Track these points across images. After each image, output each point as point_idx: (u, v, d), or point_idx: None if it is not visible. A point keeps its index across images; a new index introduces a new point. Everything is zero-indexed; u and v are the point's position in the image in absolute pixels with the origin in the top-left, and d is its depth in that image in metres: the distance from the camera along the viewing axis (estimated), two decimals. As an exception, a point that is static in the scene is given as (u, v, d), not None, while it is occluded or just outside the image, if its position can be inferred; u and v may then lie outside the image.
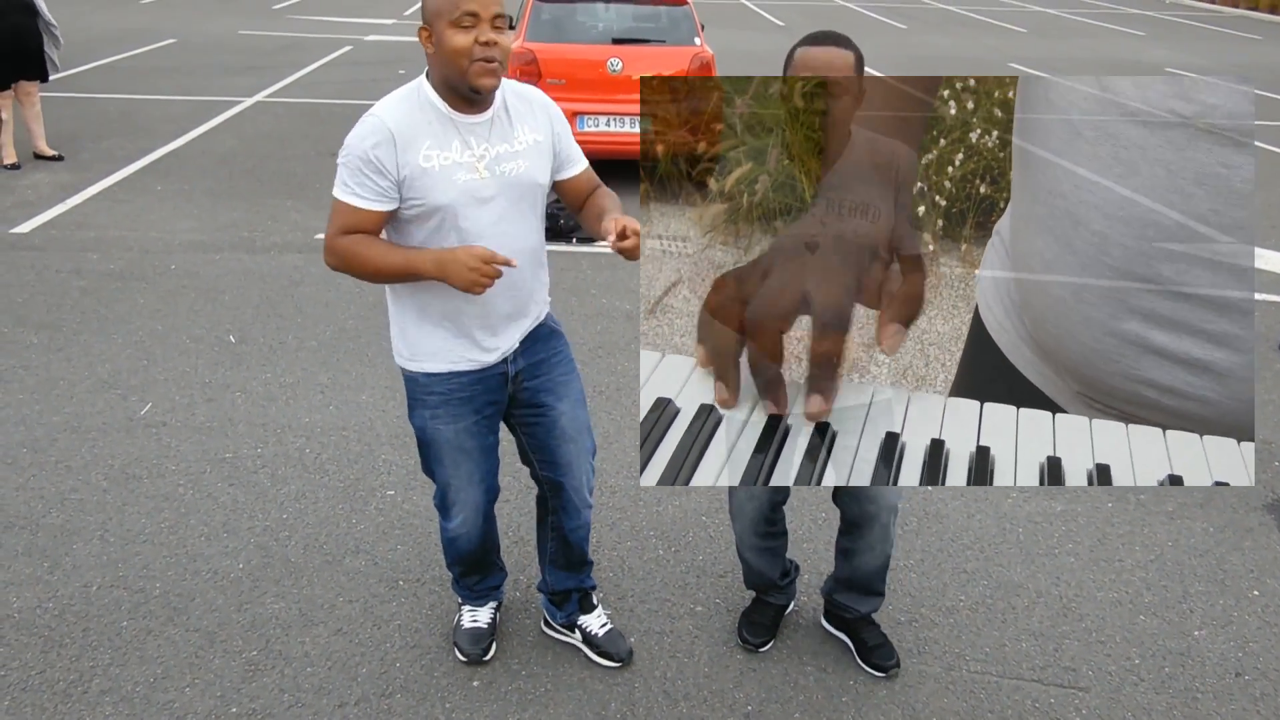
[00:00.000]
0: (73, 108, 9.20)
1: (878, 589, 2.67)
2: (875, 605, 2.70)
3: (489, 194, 2.16)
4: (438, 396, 2.33)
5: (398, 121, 2.08)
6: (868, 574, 2.63)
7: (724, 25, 16.82)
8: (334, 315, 4.92)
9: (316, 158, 7.89)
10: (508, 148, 2.18)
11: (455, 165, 2.12)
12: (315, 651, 2.69)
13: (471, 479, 2.44)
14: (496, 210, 2.18)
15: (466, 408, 2.34)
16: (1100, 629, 2.88)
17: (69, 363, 4.32)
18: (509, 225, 2.20)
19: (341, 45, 13.66)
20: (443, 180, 2.11)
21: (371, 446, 3.73)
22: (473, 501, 2.47)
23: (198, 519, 3.25)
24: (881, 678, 2.65)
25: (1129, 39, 17.91)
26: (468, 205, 2.14)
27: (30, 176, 7.09)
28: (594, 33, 7.35)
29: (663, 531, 3.28)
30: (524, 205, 2.23)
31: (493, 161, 2.15)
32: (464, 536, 2.54)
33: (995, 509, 3.45)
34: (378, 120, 2.09)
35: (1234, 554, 3.26)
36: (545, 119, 2.26)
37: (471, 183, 2.13)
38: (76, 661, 2.62)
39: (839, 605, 2.73)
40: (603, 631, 2.71)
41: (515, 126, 2.20)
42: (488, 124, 2.16)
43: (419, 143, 2.09)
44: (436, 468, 2.45)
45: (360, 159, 2.08)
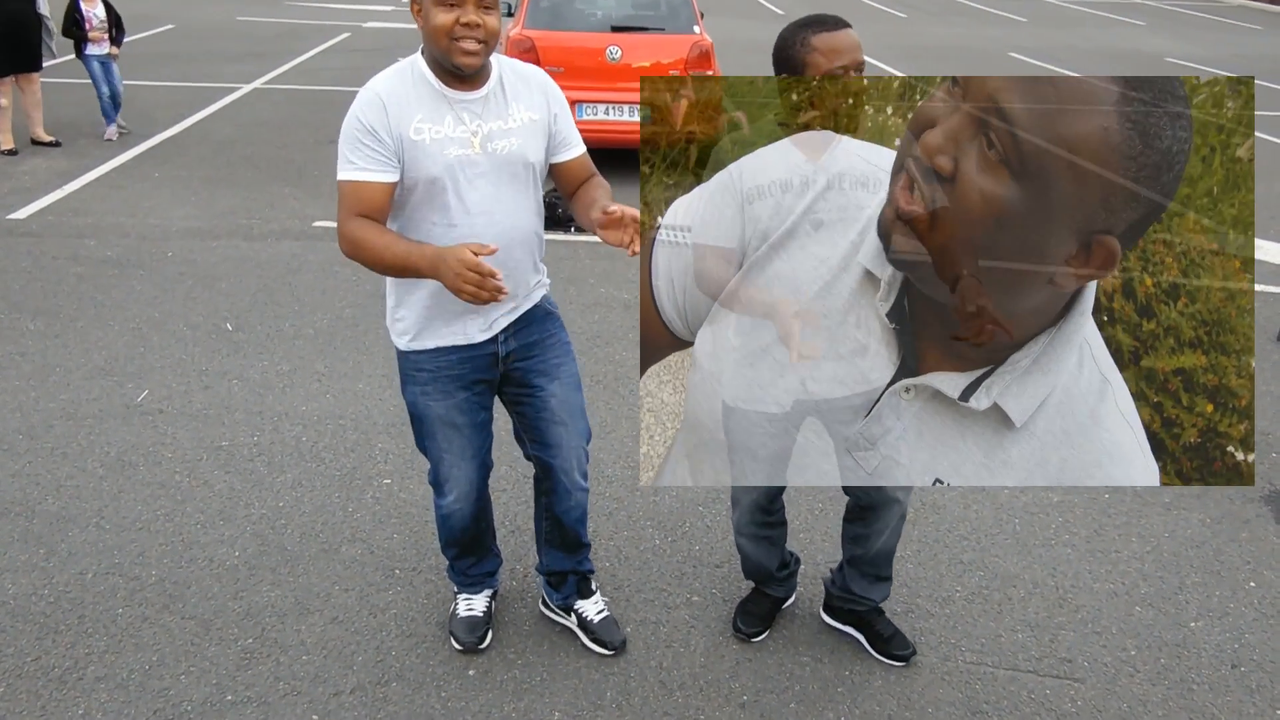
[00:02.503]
0: (71, 94, 9.16)
1: (886, 574, 2.66)
2: (885, 592, 2.68)
3: (480, 170, 2.16)
4: (427, 373, 2.34)
5: (389, 91, 2.10)
6: (877, 557, 2.60)
7: (723, 13, 16.76)
8: (331, 303, 4.90)
9: (314, 145, 7.86)
10: (501, 125, 2.17)
11: (447, 139, 2.12)
12: (311, 640, 2.69)
13: (464, 454, 2.44)
14: (488, 187, 2.17)
15: (456, 384, 2.34)
16: (1096, 620, 2.88)
17: (65, 349, 4.31)
18: (499, 203, 2.20)
19: (340, 32, 13.60)
20: (434, 152, 2.11)
21: (368, 435, 3.72)
22: (465, 477, 2.48)
23: (194, 507, 3.25)
24: (897, 666, 2.64)
25: (1130, 29, 17.85)
26: (458, 180, 2.15)
27: (28, 162, 7.07)
28: (593, 20, 7.32)
29: (659, 521, 3.27)
30: (516, 184, 2.22)
31: (485, 138, 2.15)
32: (457, 514, 2.54)
33: (992, 500, 3.45)
34: (369, 91, 2.12)
35: (1230, 545, 3.26)
36: (542, 98, 2.25)
37: (463, 157, 2.14)
38: (72, 648, 2.62)
39: (851, 597, 2.69)
40: (598, 618, 2.71)
41: (510, 104, 2.19)
42: (482, 101, 2.15)
43: (410, 114, 2.10)
44: (429, 443, 2.45)
45: (357, 129, 2.09)
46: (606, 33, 7.13)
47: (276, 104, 9.22)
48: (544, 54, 7.00)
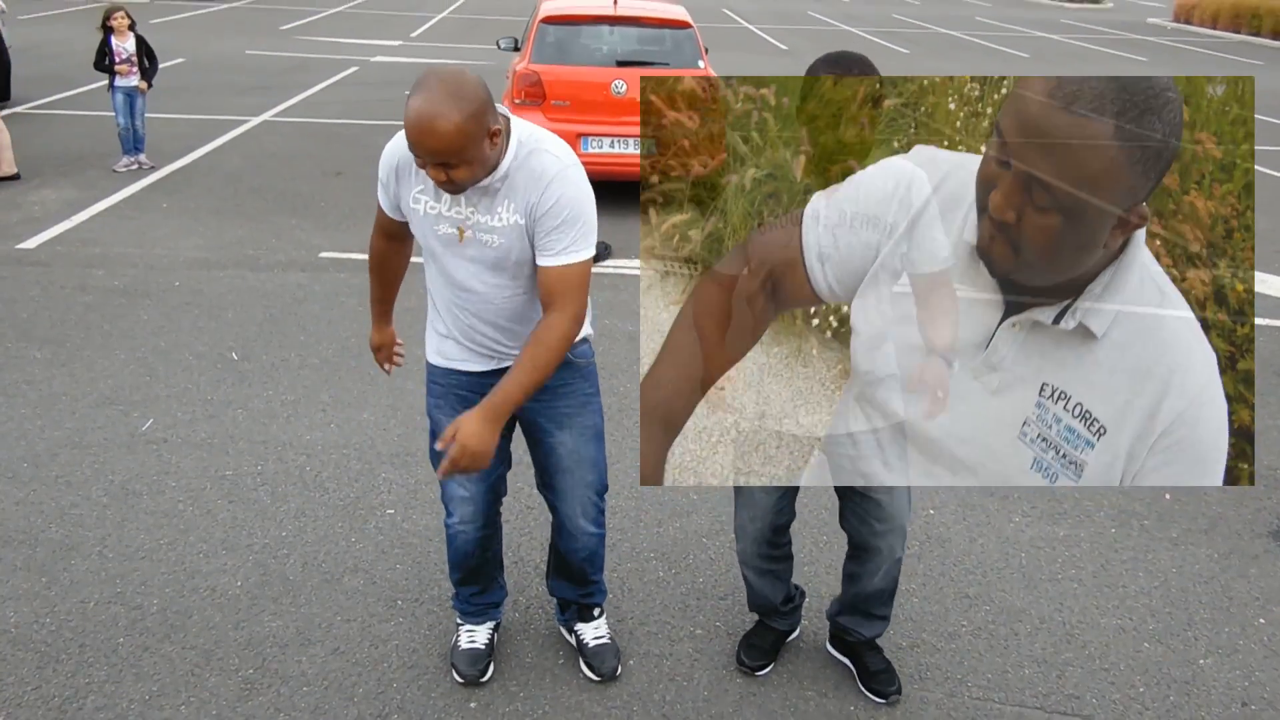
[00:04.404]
0: (81, 125, 9.26)
1: (881, 613, 2.65)
2: (879, 630, 2.68)
3: (467, 253, 2.21)
4: (440, 387, 2.45)
5: (404, 156, 2.19)
6: (870, 597, 2.61)
7: (728, 49, 16.92)
8: (336, 333, 4.92)
9: (321, 176, 7.92)
10: (487, 220, 2.15)
11: (440, 216, 2.19)
12: (312, 671, 2.67)
13: (469, 475, 2.44)
14: (472, 267, 2.23)
15: (464, 405, 2.35)
16: (1104, 656, 2.86)
17: (72, 378, 4.32)
18: (483, 284, 2.25)
19: (348, 66, 13.75)
20: (426, 225, 2.22)
21: (372, 465, 3.72)
22: (470, 498, 2.50)
23: (197, 536, 3.24)
24: (882, 704, 2.62)
25: (1132, 65, 18.00)
26: (445, 255, 2.23)
27: (38, 193, 7.13)
28: (599, 55, 7.39)
29: (663, 553, 3.26)
30: (503, 274, 2.22)
31: (474, 227, 2.17)
32: (462, 535, 2.55)
33: (998, 533, 3.44)
34: (393, 146, 2.22)
35: (1239, 581, 3.23)
36: (536, 201, 2.09)
37: (450, 236, 2.20)
38: (72, 678, 2.61)
39: (842, 628, 2.71)
40: (594, 643, 2.70)
41: (501, 200, 2.12)
42: (480, 190, 2.11)
43: (412, 183, 2.21)
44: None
45: (382, 166, 2.25)
46: (612, 67, 7.20)
47: (285, 136, 9.30)
48: (550, 88, 7.06)
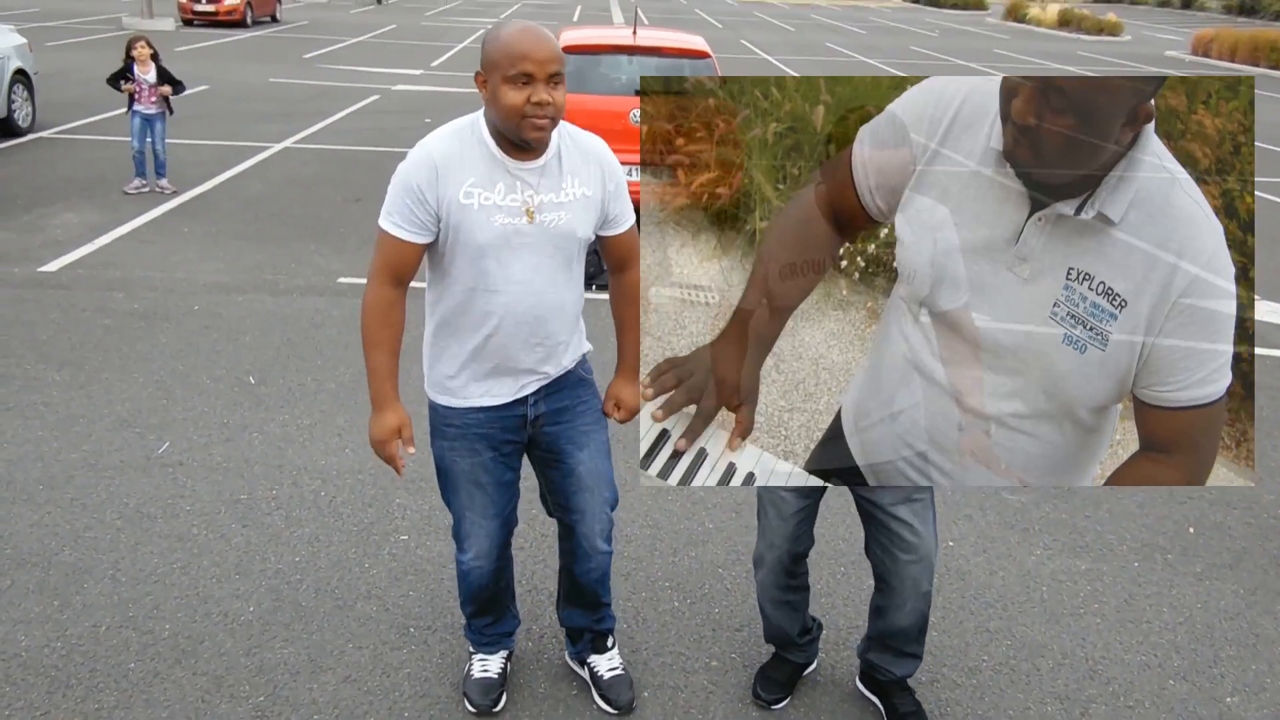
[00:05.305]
0: (104, 150, 9.37)
1: (912, 651, 2.58)
2: (910, 669, 2.61)
3: (527, 241, 2.15)
4: (455, 429, 2.35)
5: (444, 153, 2.12)
6: (898, 634, 2.53)
7: (746, 79, 17.01)
8: (353, 358, 4.92)
9: (341, 202, 7.98)
10: (553, 198, 2.16)
11: (496, 207, 2.12)
12: (323, 699, 2.64)
13: (486, 512, 2.42)
14: (531, 258, 2.17)
15: (483, 443, 2.33)
16: (1128, 693, 2.80)
17: (89, 400, 4.34)
18: (540, 274, 2.20)
19: (369, 94, 13.89)
20: (481, 219, 2.12)
21: (387, 491, 3.71)
22: (486, 534, 2.46)
23: (210, 560, 3.23)
24: None
25: (1150, 97, 17.96)
26: (502, 249, 2.15)
27: (60, 216, 7.20)
28: (617, 84, 7.43)
29: (678, 583, 3.22)
30: (560, 258, 2.21)
31: (538, 209, 2.14)
32: (476, 571, 2.51)
33: (1019, 566, 3.38)
34: (423, 150, 2.13)
35: (1266, 617, 3.17)
36: (598, 173, 2.23)
37: (510, 226, 2.13)
38: (82, 704, 2.59)
39: (872, 665, 2.64)
40: (609, 675, 2.66)
41: (565, 177, 2.18)
42: (538, 171, 2.15)
43: (462, 177, 2.11)
44: (452, 497, 2.45)
45: (403, 185, 2.12)
46: (630, 97, 7.24)
47: (305, 163, 9.39)
48: (569, 117, 7.06)
